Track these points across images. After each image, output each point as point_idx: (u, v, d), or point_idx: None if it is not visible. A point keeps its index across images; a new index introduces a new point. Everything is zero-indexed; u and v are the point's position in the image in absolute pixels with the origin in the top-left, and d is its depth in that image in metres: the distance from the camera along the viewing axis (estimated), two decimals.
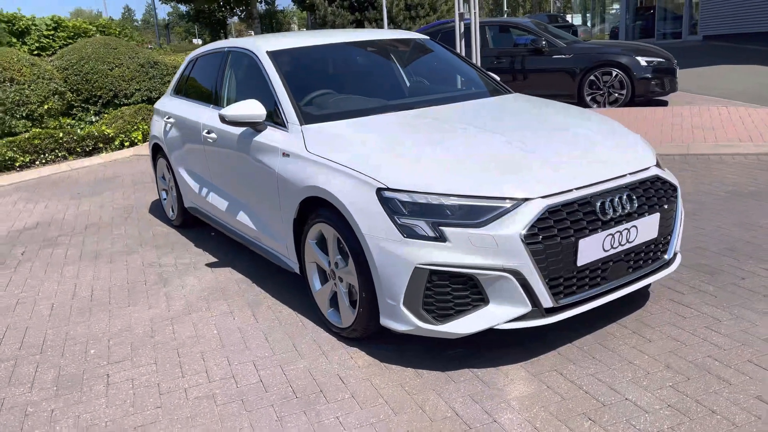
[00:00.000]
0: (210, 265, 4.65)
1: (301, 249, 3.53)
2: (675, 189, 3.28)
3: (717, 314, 3.35)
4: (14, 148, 8.55)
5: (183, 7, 29.30)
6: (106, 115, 10.15)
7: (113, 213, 6.35)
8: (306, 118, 3.63)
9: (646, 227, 3.06)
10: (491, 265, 2.74)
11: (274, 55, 4.05)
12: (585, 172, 2.99)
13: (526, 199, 2.78)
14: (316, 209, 3.31)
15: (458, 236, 2.75)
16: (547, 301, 2.83)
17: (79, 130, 9.41)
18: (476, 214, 2.78)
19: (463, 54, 9.28)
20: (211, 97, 4.68)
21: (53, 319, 3.88)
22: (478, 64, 9.26)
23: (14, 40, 13.58)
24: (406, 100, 4.00)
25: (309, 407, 2.78)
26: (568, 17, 44.42)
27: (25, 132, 9.01)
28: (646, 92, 9.77)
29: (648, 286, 3.70)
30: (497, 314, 2.82)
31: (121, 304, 4.04)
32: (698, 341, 3.09)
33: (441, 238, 2.76)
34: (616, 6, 33.19)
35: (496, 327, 2.84)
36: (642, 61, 9.73)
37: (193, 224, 5.46)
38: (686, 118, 8.36)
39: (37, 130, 8.94)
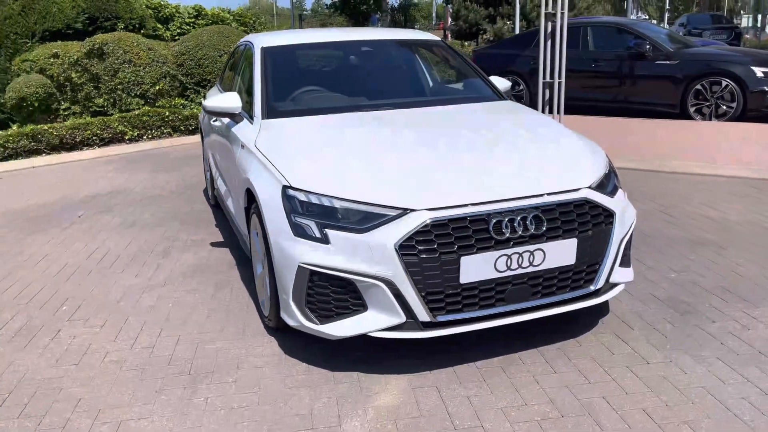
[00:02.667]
0: (214, 243, 4.98)
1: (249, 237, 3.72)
2: (610, 215, 3.04)
3: (650, 355, 3.07)
4: (125, 123, 9.56)
5: None
6: None
7: (174, 188, 6.94)
8: (269, 113, 3.80)
9: (558, 252, 2.88)
10: (365, 272, 2.75)
11: (265, 51, 4.26)
12: (492, 187, 2.88)
13: (411, 210, 2.75)
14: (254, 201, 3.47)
15: (339, 240, 2.78)
16: (423, 314, 2.79)
17: (186, 111, 10.28)
18: (362, 220, 2.79)
19: (547, 56, 8.92)
20: (229, 87, 5.00)
21: (57, 277, 4.40)
22: (562, 67, 8.84)
23: (159, 26, 15.02)
24: (376, 101, 4.01)
25: (192, 384, 2.97)
26: (744, 19, 40.35)
27: (136, 109, 10.03)
28: (759, 107, 8.75)
29: (604, 314, 3.46)
30: (373, 321, 2.83)
31: (116, 270, 4.48)
32: (605, 380, 2.87)
33: (324, 239, 2.81)
34: None
35: (370, 334, 2.84)
36: (758, 71, 8.73)
37: None
38: None
39: (146, 108, 9.92)
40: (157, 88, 10.31)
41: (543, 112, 9.06)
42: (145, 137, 9.77)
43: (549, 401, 2.73)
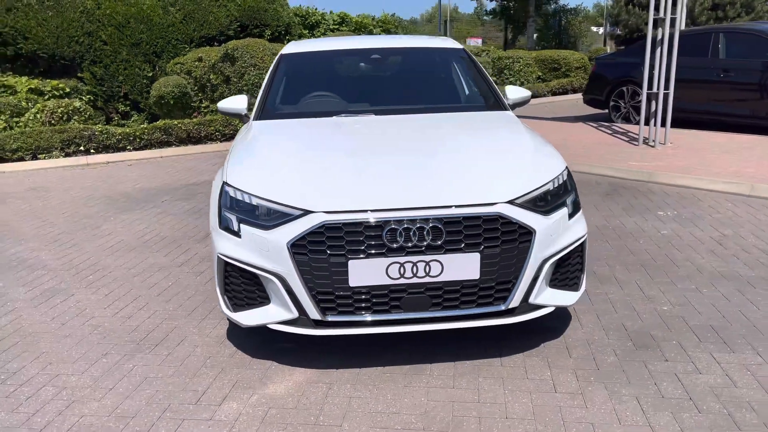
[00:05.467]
0: None
1: None
2: (529, 233, 2.91)
3: (564, 384, 2.90)
4: None
5: (491, 4, 30.35)
6: None
7: None
8: (262, 115, 4.10)
9: (458, 266, 2.84)
10: (264, 267, 2.93)
11: (281, 57, 4.57)
12: (397, 196, 2.90)
13: (310, 212, 2.87)
14: None
15: (248, 235, 2.99)
16: (313, 312, 2.90)
17: None
18: (271, 218, 2.97)
19: (656, 65, 8.28)
20: None
21: (106, 250, 5.07)
22: (671, 78, 8.15)
23: (305, 31, 16.11)
24: (374, 106, 4.13)
25: (133, 353, 3.34)
26: None
27: None
28: None
29: (552, 337, 3.30)
30: (273, 314, 3.00)
31: (153, 250, 5.06)
32: (496, 402, 2.78)
33: (238, 233, 3.04)
34: None
35: (269, 325, 3.01)
36: None
37: None
38: None
39: None
40: None
41: (647, 125, 8.44)
42: None
43: (424, 413, 2.72)
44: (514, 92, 4.36)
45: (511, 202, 2.93)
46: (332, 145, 3.48)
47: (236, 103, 4.31)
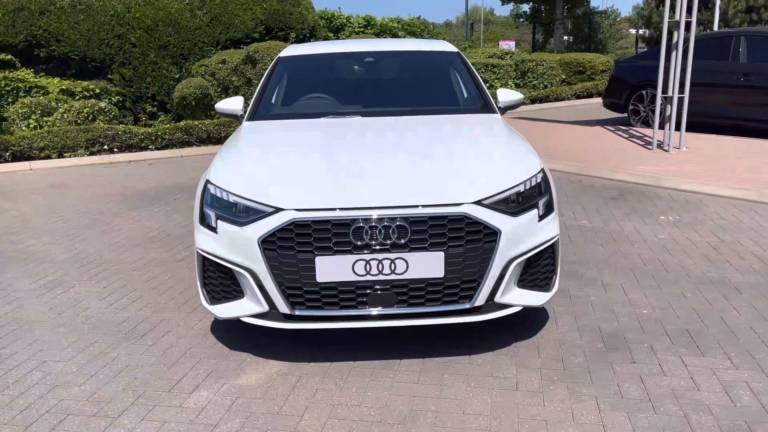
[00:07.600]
0: None
1: None
2: (494, 234, 2.96)
3: (527, 383, 2.95)
4: None
5: (525, 6, 30.20)
6: None
7: None
8: (254, 116, 4.22)
9: (422, 264, 2.91)
10: (236, 261, 3.05)
11: (280, 60, 4.70)
12: (367, 195, 2.98)
13: (281, 209, 2.97)
14: None
15: (223, 230, 3.11)
16: (283, 306, 3.00)
17: None
18: (245, 215, 3.08)
19: (671, 69, 8.19)
20: None
21: (111, 246, 5.27)
22: (686, 81, 8.05)
23: (330, 34, 16.29)
24: (362, 108, 4.22)
25: (119, 342, 3.49)
26: None
27: None
28: None
29: (524, 337, 3.35)
30: (245, 307, 3.11)
31: (156, 246, 5.23)
32: (457, 398, 2.85)
33: (215, 229, 3.16)
34: None
35: (242, 318, 3.12)
36: None
37: None
38: None
39: None
40: None
41: (662, 129, 8.35)
42: None
43: (383, 406, 2.80)
44: (505, 95, 4.41)
45: (478, 202, 2.99)
46: (312, 145, 3.58)
47: (232, 104, 4.44)
